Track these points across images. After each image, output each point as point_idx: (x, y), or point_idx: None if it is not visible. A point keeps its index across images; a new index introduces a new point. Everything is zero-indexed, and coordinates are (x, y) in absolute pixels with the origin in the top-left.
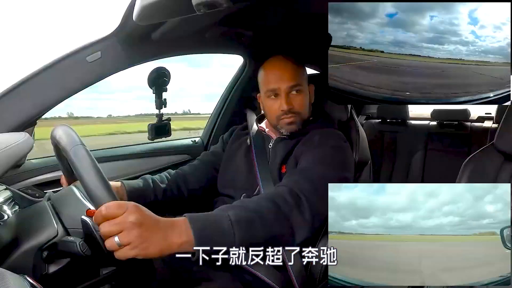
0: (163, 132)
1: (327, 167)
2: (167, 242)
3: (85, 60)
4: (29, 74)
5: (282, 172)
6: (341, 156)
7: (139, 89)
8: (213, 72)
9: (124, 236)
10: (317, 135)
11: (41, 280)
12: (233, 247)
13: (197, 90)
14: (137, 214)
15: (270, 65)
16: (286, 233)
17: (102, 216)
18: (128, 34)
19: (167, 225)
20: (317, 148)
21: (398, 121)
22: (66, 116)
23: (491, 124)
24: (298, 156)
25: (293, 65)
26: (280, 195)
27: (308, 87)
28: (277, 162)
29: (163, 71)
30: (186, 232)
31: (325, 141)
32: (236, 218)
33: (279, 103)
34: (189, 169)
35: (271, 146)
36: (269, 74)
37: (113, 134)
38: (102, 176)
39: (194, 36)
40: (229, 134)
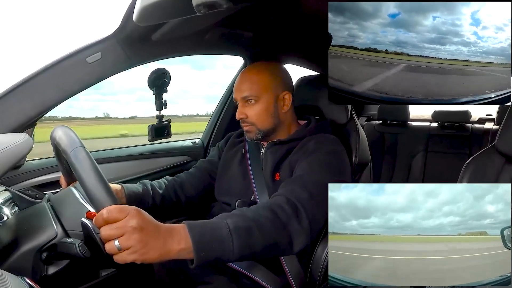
0: (163, 133)
1: (323, 173)
2: (166, 248)
3: (85, 61)
4: (29, 74)
5: (276, 179)
6: (336, 161)
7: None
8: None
9: (124, 240)
10: (312, 140)
11: (40, 281)
12: (231, 254)
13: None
14: (139, 218)
15: (239, 75)
16: (284, 242)
17: (103, 220)
18: (128, 35)
19: (167, 231)
20: (312, 155)
21: (398, 123)
22: (103, 116)
23: (492, 125)
24: (293, 163)
25: (252, 75)
26: (278, 204)
27: (280, 95)
28: (268, 169)
29: (163, 72)
30: (185, 239)
31: (319, 147)
32: (235, 226)
33: (237, 111)
34: (186, 177)
35: (262, 153)
36: (235, 84)
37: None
38: (102, 178)
39: (194, 37)
40: (224, 141)
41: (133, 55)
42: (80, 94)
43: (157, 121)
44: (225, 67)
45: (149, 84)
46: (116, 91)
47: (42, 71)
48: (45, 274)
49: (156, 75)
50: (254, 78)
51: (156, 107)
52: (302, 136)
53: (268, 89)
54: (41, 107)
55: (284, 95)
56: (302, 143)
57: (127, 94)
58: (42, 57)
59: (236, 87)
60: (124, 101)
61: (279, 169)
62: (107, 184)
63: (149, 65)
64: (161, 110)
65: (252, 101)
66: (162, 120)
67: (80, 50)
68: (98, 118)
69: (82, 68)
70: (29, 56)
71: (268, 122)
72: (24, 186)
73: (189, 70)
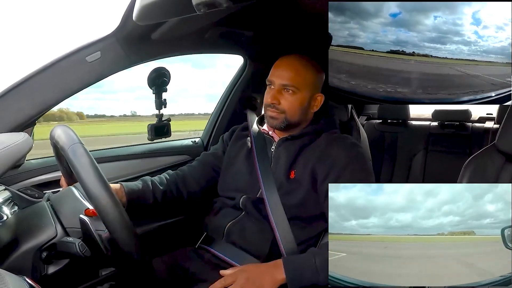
0: (163, 132)
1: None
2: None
3: (84, 60)
4: (29, 74)
5: (290, 177)
6: (368, 168)
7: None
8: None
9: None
10: (332, 144)
11: (40, 281)
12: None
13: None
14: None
15: (281, 59)
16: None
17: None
18: (127, 34)
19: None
20: (345, 170)
21: (399, 122)
22: (130, 114)
23: (492, 124)
24: (308, 162)
25: (299, 67)
26: None
27: (315, 95)
28: (282, 166)
29: (163, 71)
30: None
31: (351, 159)
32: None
33: (270, 94)
34: (188, 171)
35: (273, 149)
36: (275, 66)
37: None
38: (100, 174)
39: (194, 36)
40: (229, 134)
41: (133, 54)
42: (80, 93)
43: (157, 120)
44: (227, 66)
45: (148, 83)
46: (116, 90)
47: (41, 70)
48: (45, 274)
49: (156, 74)
50: (300, 71)
51: (155, 106)
52: (312, 131)
53: (309, 86)
54: (40, 106)
55: (318, 96)
56: (317, 142)
57: (127, 92)
58: (41, 56)
59: (277, 72)
60: (124, 99)
61: (294, 167)
62: (105, 179)
63: (150, 63)
64: (160, 109)
65: (290, 91)
66: (162, 119)
67: (79, 49)
68: (126, 116)
69: (81, 67)
70: (29, 55)
71: (298, 116)
72: (24, 185)
73: (189, 69)
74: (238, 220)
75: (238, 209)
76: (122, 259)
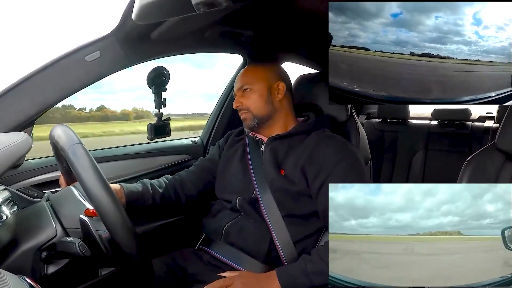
0: (163, 132)
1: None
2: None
3: (84, 60)
4: (28, 73)
5: (281, 174)
6: (360, 165)
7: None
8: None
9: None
10: (321, 144)
11: (40, 280)
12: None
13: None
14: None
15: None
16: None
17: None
18: (127, 33)
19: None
20: (335, 168)
21: (398, 121)
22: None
23: (492, 123)
24: (297, 162)
25: (248, 69)
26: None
27: (274, 84)
28: (272, 164)
29: (162, 71)
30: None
31: (340, 157)
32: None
33: (234, 101)
34: (186, 175)
35: (263, 149)
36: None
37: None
38: (100, 175)
39: (193, 35)
40: (224, 140)
41: (132, 54)
42: (79, 93)
43: (157, 120)
44: (226, 66)
45: (148, 83)
46: (115, 90)
47: (41, 70)
48: (45, 273)
49: (155, 74)
50: (249, 71)
51: (155, 106)
52: (301, 131)
53: (262, 79)
54: (40, 106)
55: (278, 84)
56: (306, 140)
57: (127, 92)
58: (41, 56)
59: (235, 84)
60: (123, 99)
61: (283, 166)
62: (105, 179)
63: (149, 63)
64: (160, 108)
65: (248, 90)
66: (162, 119)
67: (79, 48)
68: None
69: (81, 66)
70: (28, 55)
71: (263, 109)
72: (23, 185)
73: (189, 68)
74: (236, 221)
75: (236, 211)
76: (122, 259)
